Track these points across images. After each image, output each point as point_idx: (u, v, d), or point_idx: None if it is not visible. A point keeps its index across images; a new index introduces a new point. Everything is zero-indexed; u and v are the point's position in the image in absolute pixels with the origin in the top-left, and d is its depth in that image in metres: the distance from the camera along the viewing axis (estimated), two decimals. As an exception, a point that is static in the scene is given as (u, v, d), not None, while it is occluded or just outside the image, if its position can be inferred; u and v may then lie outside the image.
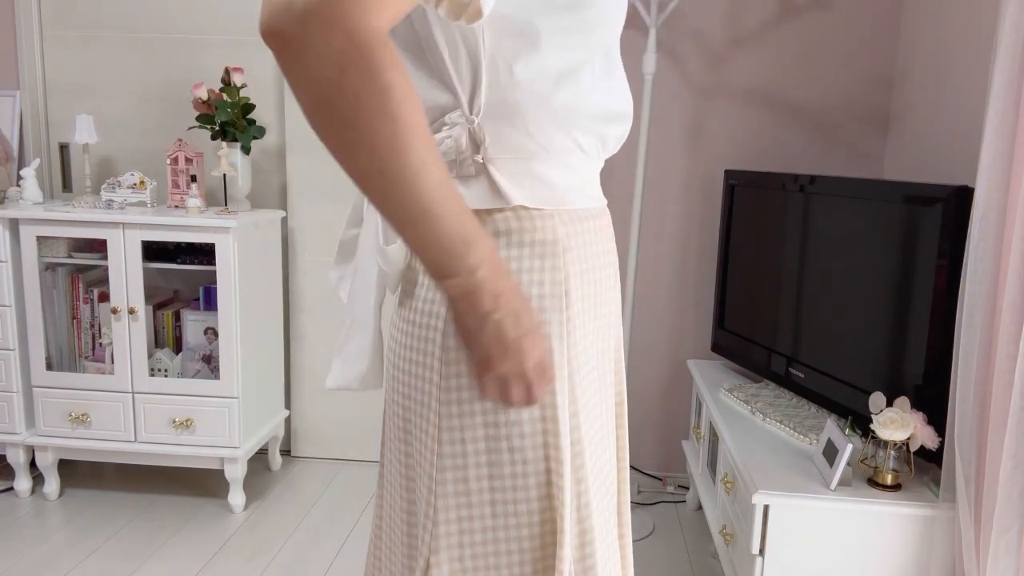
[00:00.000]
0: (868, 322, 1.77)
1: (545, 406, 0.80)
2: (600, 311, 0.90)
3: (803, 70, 2.43)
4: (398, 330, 0.87)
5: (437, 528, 0.83)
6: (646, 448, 2.70)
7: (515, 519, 0.83)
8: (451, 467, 0.82)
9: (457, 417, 0.82)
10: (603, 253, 0.90)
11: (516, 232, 0.81)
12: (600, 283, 0.89)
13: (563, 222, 0.83)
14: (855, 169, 2.45)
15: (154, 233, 2.26)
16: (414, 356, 0.84)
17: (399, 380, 0.87)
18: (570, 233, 0.83)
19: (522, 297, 0.74)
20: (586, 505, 0.85)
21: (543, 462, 0.82)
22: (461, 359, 0.81)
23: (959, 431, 1.46)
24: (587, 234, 0.86)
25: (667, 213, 2.55)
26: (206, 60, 2.62)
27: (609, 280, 0.92)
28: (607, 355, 0.94)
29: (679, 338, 2.62)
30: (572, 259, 0.83)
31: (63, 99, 2.68)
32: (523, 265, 0.81)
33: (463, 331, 0.75)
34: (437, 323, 0.82)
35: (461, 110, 0.78)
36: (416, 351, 0.84)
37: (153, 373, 2.36)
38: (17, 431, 2.37)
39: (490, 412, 0.81)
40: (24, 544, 2.15)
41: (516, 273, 0.80)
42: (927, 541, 1.54)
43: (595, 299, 0.88)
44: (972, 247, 1.44)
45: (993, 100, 1.40)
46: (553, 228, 0.82)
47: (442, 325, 0.81)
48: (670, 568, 2.15)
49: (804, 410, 1.97)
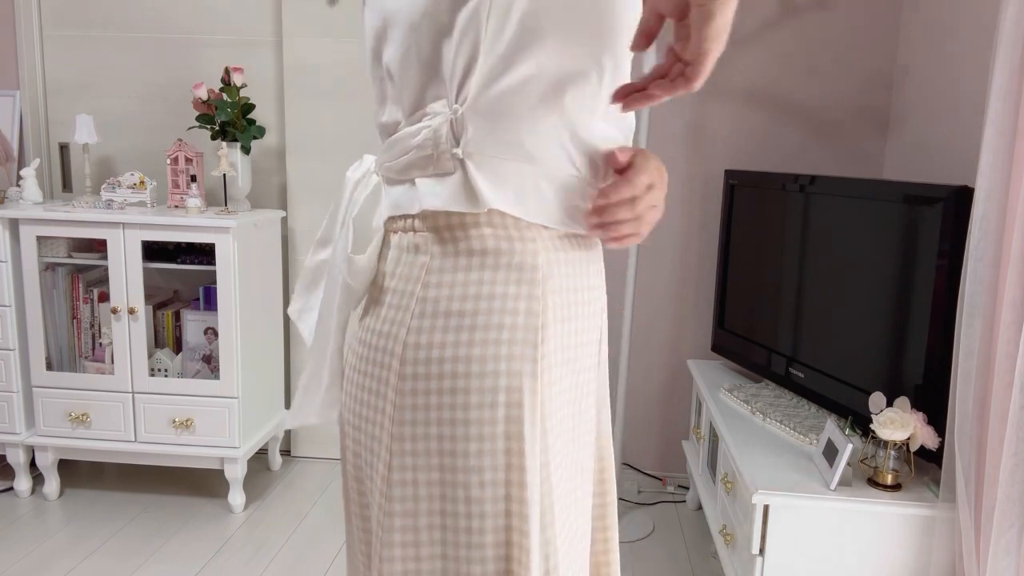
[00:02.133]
0: (868, 322, 1.77)
1: (511, 452, 0.72)
2: (580, 361, 0.79)
3: (803, 70, 2.43)
4: (359, 343, 0.80)
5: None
6: (646, 448, 2.70)
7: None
8: (400, 512, 0.74)
9: (411, 455, 0.73)
10: (588, 289, 0.80)
11: (492, 253, 0.73)
12: (581, 322, 0.79)
13: (545, 247, 0.75)
14: (855, 169, 2.45)
15: (154, 233, 2.26)
16: (370, 369, 0.77)
17: (351, 403, 0.79)
18: (552, 260, 0.75)
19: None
20: (554, 569, 0.75)
21: (503, 518, 0.73)
22: (418, 388, 0.73)
23: (959, 431, 1.46)
24: (572, 264, 0.77)
25: (667, 213, 2.55)
26: (206, 60, 2.62)
27: (592, 324, 0.81)
28: (587, 414, 0.83)
29: (679, 338, 2.62)
30: (552, 289, 0.75)
31: (63, 99, 2.68)
32: (496, 290, 0.73)
33: (705, 22, 0.64)
34: (399, 333, 0.74)
35: (447, 99, 0.72)
36: (373, 364, 0.77)
37: (153, 373, 2.36)
38: (17, 431, 2.36)
39: (448, 453, 0.72)
40: (24, 544, 2.15)
41: (488, 299, 0.73)
42: (927, 541, 1.54)
43: (574, 339, 0.78)
44: (972, 247, 1.44)
45: (993, 100, 1.40)
46: (534, 252, 0.74)
47: (404, 335, 0.74)
48: (670, 568, 2.15)
49: (804, 410, 1.97)
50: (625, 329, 2.35)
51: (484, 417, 0.72)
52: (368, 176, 0.86)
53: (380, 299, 0.79)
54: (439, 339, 0.73)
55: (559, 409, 0.77)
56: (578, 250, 0.79)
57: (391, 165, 0.78)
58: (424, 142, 0.74)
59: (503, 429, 0.72)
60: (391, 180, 0.80)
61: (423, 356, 0.73)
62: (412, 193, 0.76)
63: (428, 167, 0.74)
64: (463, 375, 0.72)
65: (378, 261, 0.82)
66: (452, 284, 0.73)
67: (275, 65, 2.61)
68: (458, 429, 0.72)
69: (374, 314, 0.79)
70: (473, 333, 0.72)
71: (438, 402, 0.72)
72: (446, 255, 0.74)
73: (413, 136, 0.75)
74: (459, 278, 0.73)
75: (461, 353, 0.72)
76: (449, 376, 0.72)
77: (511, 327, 0.73)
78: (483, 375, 0.72)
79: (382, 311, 0.78)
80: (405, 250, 0.77)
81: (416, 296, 0.74)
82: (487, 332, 0.72)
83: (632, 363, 2.64)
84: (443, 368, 0.72)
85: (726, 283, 2.37)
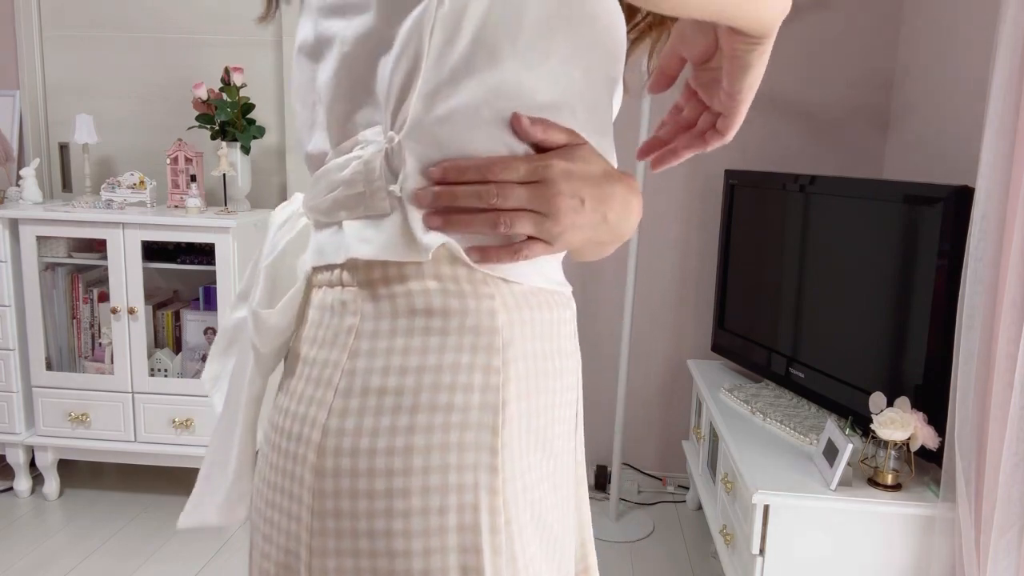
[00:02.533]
0: (868, 322, 1.77)
1: (467, 571, 0.57)
2: (551, 444, 0.64)
3: (803, 70, 2.43)
4: (270, 425, 0.64)
5: None
6: (646, 448, 2.70)
7: None
8: None
9: (334, 571, 0.58)
10: (559, 355, 0.64)
11: (439, 314, 0.58)
12: (552, 396, 0.64)
13: (506, 305, 0.60)
14: (855, 169, 2.45)
15: (154, 233, 2.26)
16: (281, 462, 0.61)
17: (260, 504, 0.64)
18: (515, 321, 0.60)
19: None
20: None
21: None
22: (342, 488, 0.57)
23: (959, 431, 1.46)
24: (540, 325, 0.63)
25: (667, 213, 2.55)
26: (206, 60, 2.62)
27: (565, 399, 0.65)
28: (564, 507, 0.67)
29: (679, 338, 2.62)
30: (515, 357, 0.60)
31: (63, 99, 2.68)
32: (444, 361, 0.58)
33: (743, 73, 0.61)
34: (317, 416, 0.59)
35: (381, 125, 0.59)
36: (285, 455, 0.61)
37: (153, 373, 2.35)
38: (17, 431, 2.36)
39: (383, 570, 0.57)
40: (24, 544, 2.15)
41: (433, 372, 0.57)
42: (927, 541, 1.54)
43: (544, 418, 0.63)
44: (972, 247, 1.44)
45: (993, 100, 1.40)
46: (491, 311, 0.59)
47: (323, 418, 0.58)
48: (670, 568, 2.15)
49: (804, 410, 1.97)
50: (625, 329, 2.35)
51: (431, 526, 0.57)
52: (295, 217, 0.71)
53: (296, 371, 0.63)
54: (370, 424, 0.57)
55: (532, 504, 0.62)
56: (547, 309, 0.64)
57: (316, 204, 0.64)
58: (354, 177, 0.60)
59: (456, 541, 0.57)
60: (318, 223, 0.66)
61: (348, 446, 0.57)
62: (338, 238, 0.62)
63: (358, 207, 0.61)
64: (401, 472, 0.56)
65: (296, 322, 0.67)
66: (388, 353, 0.58)
67: (275, 65, 2.61)
68: (396, 543, 0.56)
69: (288, 390, 0.63)
70: (414, 416, 0.57)
71: (368, 508, 0.57)
72: (380, 316, 0.59)
73: (341, 169, 0.61)
74: (397, 345, 0.58)
75: (399, 443, 0.57)
76: (383, 474, 0.57)
77: (463, 408, 0.58)
78: (427, 471, 0.57)
79: (298, 386, 0.62)
80: (329, 310, 0.62)
81: (341, 368, 0.59)
82: (432, 415, 0.57)
83: (632, 363, 2.64)
84: (374, 463, 0.57)
85: (726, 283, 2.37)
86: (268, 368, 0.69)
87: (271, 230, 0.72)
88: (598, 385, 2.66)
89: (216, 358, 0.78)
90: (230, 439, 0.72)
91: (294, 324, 0.67)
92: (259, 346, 0.67)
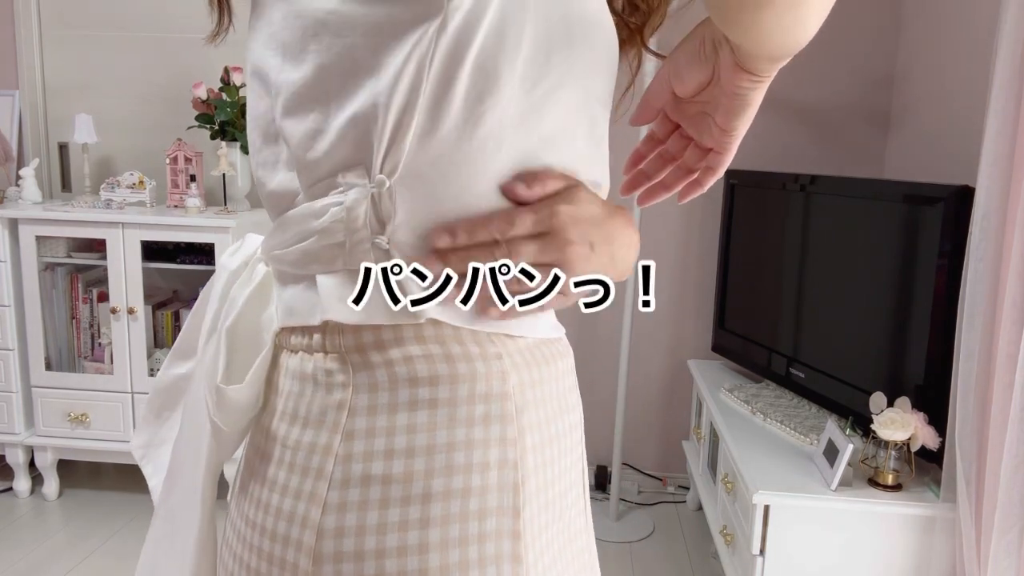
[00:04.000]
0: (869, 322, 1.77)
1: None
2: (565, 513, 0.57)
3: (803, 70, 2.43)
4: (236, 528, 0.56)
5: None
6: (646, 448, 2.70)
7: None
8: None
9: None
10: (567, 411, 0.58)
11: (445, 382, 0.50)
12: (564, 460, 0.57)
13: (515, 364, 0.53)
14: (856, 169, 2.45)
15: (153, 233, 2.25)
16: (267, 570, 0.52)
17: None
18: (525, 383, 0.53)
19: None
20: None
21: None
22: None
23: (960, 431, 1.46)
24: (548, 384, 0.55)
25: (667, 213, 2.55)
26: (206, 60, 2.61)
27: (574, 458, 0.59)
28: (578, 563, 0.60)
29: (679, 338, 2.62)
30: (529, 425, 0.53)
31: (62, 99, 2.68)
32: (456, 438, 0.50)
33: (742, 111, 0.59)
34: (309, 513, 0.50)
35: (364, 167, 0.50)
36: (269, 562, 0.52)
37: (152, 373, 2.35)
38: (16, 431, 2.36)
39: None
40: (24, 544, 2.14)
41: (445, 452, 0.50)
42: (927, 541, 1.54)
43: (559, 487, 0.56)
44: (973, 247, 1.43)
45: (993, 100, 1.40)
46: (502, 374, 0.52)
47: (317, 517, 0.50)
48: (670, 568, 2.15)
49: (804, 410, 1.97)
50: (625, 329, 2.34)
51: None
52: (253, 265, 0.61)
53: (272, 454, 0.54)
54: (375, 521, 0.49)
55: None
56: (552, 362, 0.57)
57: (281, 255, 0.55)
58: (332, 226, 0.51)
59: None
60: (283, 275, 0.57)
61: (351, 549, 0.49)
62: (311, 296, 0.53)
63: (336, 261, 0.52)
64: (417, 573, 0.49)
65: (265, 392, 0.58)
66: (389, 432, 0.50)
67: (275, 65, 2.60)
68: None
69: (264, 478, 0.54)
70: (427, 507, 0.49)
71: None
72: (377, 388, 0.51)
73: (316, 216, 0.52)
74: (399, 423, 0.50)
75: (411, 541, 0.49)
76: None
77: (480, 491, 0.50)
78: (446, 571, 0.49)
79: (278, 475, 0.53)
80: (311, 381, 0.53)
81: (335, 453, 0.50)
82: (448, 504, 0.49)
83: (632, 363, 2.64)
84: (384, 567, 0.49)
85: (726, 283, 2.37)
86: (231, 448, 0.60)
87: (220, 279, 0.62)
88: (598, 385, 2.65)
89: (148, 423, 0.68)
90: (175, 535, 0.61)
91: (262, 397, 0.57)
92: (223, 425, 0.57)
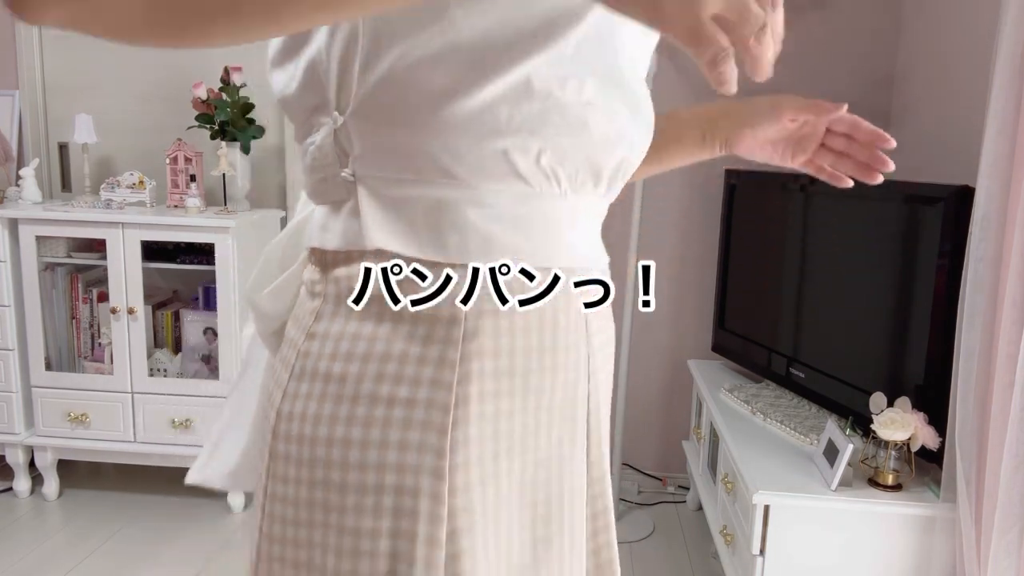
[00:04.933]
0: (869, 322, 1.77)
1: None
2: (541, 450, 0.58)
3: (803, 70, 2.43)
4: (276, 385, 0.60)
5: None
6: (646, 448, 2.70)
7: None
8: None
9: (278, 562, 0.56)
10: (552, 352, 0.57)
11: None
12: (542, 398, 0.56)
13: (480, 296, 0.54)
14: (855, 169, 2.45)
15: (153, 233, 2.25)
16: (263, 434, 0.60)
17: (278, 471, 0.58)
18: (486, 311, 0.53)
19: None
20: None
21: None
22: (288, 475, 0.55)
23: (960, 431, 1.46)
24: (527, 316, 0.55)
25: (667, 213, 2.55)
26: (205, 59, 2.61)
27: (566, 398, 0.58)
28: (570, 516, 0.61)
29: (679, 338, 2.62)
30: (479, 351, 0.53)
31: (62, 99, 2.68)
32: (392, 350, 0.53)
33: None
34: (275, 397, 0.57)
35: (326, 107, 0.55)
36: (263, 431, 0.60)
37: (152, 373, 2.35)
38: (16, 431, 2.36)
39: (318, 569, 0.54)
40: (24, 544, 2.14)
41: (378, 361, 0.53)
42: (927, 541, 1.54)
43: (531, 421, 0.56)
44: (973, 247, 1.43)
45: (993, 100, 1.40)
46: (451, 298, 0.53)
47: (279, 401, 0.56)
48: (670, 568, 2.15)
49: (805, 410, 1.97)
50: (625, 329, 2.34)
51: (362, 527, 0.52)
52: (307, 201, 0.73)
53: (281, 347, 0.62)
54: (313, 411, 0.54)
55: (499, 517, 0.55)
56: (548, 308, 0.56)
57: (307, 191, 0.64)
58: (313, 164, 0.58)
59: (387, 547, 0.52)
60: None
61: (295, 432, 0.55)
62: (311, 223, 0.62)
63: (325, 194, 0.58)
64: (338, 465, 0.53)
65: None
66: (339, 338, 0.54)
67: (275, 65, 2.60)
68: (330, 538, 0.53)
69: (272, 364, 0.64)
70: (355, 407, 0.53)
71: (309, 497, 0.54)
72: (340, 299, 0.55)
73: (303, 157, 0.60)
74: (348, 330, 0.54)
75: (337, 433, 0.53)
76: (322, 464, 0.53)
77: (407, 403, 0.52)
78: (363, 467, 0.52)
79: (275, 364, 0.61)
80: (307, 288, 0.61)
81: (298, 349, 0.57)
82: (372, 407, 0.52)
83: (632, 363, 2.64)
84: (315, 452, 0.53)
85: (726, 283, 2.37)
86: (273, 348, 0.69)
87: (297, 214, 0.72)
88: (598, 385, 2.65)
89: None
90: (242, 407, 0.71)
91: (287, 304, 0.66)
92: (263, 329, 0.67)
